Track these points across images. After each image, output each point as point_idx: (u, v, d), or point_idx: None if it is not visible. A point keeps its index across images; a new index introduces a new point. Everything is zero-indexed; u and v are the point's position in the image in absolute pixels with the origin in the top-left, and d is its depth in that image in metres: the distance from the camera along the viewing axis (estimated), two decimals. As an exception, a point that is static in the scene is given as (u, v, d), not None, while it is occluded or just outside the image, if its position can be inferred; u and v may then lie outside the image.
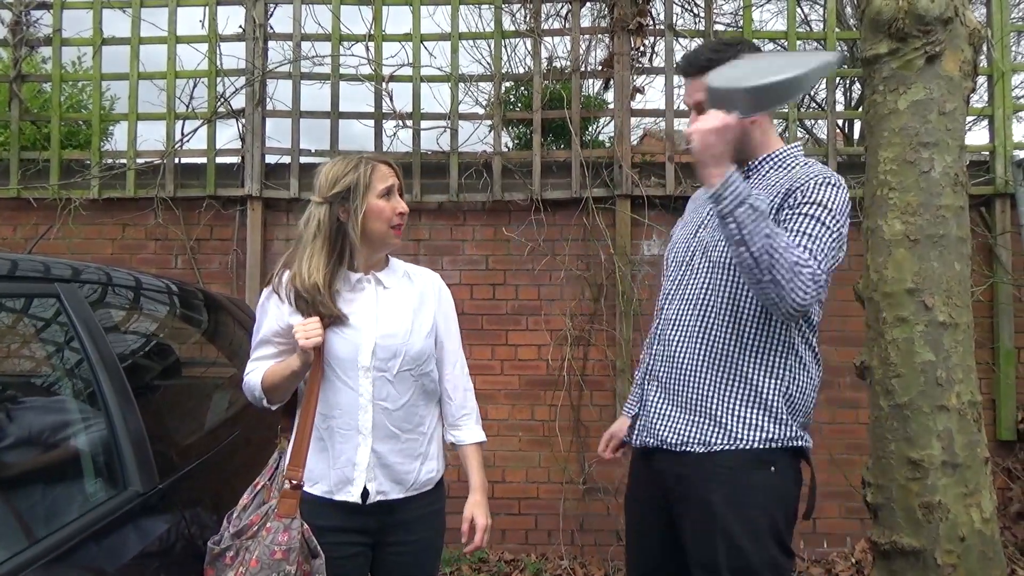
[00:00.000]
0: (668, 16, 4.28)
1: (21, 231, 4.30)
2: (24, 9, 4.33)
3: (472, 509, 1.88)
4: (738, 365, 1.75)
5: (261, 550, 1.63)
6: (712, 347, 1.77)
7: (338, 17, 4.29)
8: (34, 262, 1.76)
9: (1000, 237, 4.05)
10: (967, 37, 2.21)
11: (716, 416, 1.75)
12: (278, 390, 1.79)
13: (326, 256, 1.77)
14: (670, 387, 1.83)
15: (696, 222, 1.93)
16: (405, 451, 1.80)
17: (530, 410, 4.19)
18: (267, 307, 1.84)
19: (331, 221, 1.78)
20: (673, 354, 1.83)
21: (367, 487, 1.75)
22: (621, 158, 4.16)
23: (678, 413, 1.81)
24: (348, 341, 1.76)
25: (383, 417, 1.77)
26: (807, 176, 1.74)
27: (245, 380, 1.85)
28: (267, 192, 4.27)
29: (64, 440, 1.64)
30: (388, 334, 1.79)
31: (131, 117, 4.32)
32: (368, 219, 1.79)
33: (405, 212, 1.85)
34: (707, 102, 1.70)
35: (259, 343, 1.85)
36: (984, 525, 2.02)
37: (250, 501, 1.77)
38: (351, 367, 1.75)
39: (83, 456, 1.66)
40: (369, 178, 1.79)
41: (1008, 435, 4.01)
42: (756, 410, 1.74)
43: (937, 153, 2.14)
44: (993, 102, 4.13)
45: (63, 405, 1.72)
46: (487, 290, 4.25)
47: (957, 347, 2.09)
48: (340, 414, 1.76)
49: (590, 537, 4.12)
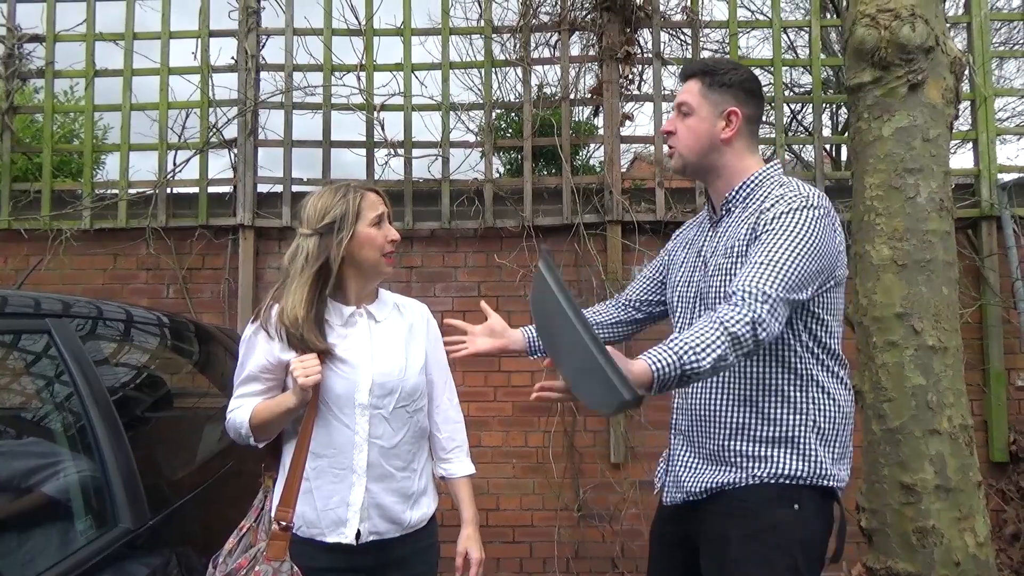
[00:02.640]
0: (656, 45, 4.34)
1: (12, 262, 4.28)
2: (17, 42, 4.36)
3: (466, 544, 1.86)
4: (758, 405, 1.68)
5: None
6: (728, 391, 1.71)
7: (329, 48, 4.33)
8: (25, 298, 1.76)
9: (987, 259, 4.08)
10: (949, 65, 2.25)
11: (736, 462, 1.69)
12: (268, 428, 1.74)
13: (312, 289, 1.72)
14: (693, 438, 1.78)
15: (691, 265, 1.88)
16: (399, 490, 1.76)
17: (523, 437, 4.18)
18: (254, 342, 1.77)
19: (320, 252, 1.73)
20: (691, 405, 1.79)
21: (360, 528, 1.70)
22: (611, 184, 4.19)
23: (702, 464, 1.75)
24: (345, 378, 1.72)
25: (378, 455, 1.73)
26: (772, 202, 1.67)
27: (229, 418, 1.78)
28: (259, 221, 4.28)
29: (53, 476, 1.63)
30: (384, 371, 1.76)
31: (123, 147, 4.33)
32: (360, 248, 1.75)
33: (397, 240, 1.82)
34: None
35: (245, 379, 1.78)
36: (979, 549, 2.02)
37: (236, 544, 1.71)
38: (348, 405, 1.72)
39: (73, 492, 1.64)
40: (359, 206, 1.76)
41: (1001, 457, 4.01)
42: (779, 448, 1.66)
43: (922, 179, 2.18)
44: (977, 126, 4.19)
45: (53, 440, 1.71)
46: (480, 317, 4.23)
47: (947, 371, 2.11)
48: (334, 453, 1.71)
49: (585, 564, 4.09)
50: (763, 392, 1.68)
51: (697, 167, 1.84)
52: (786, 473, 1.65)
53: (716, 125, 1.77)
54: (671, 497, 1.82)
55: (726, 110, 1.76)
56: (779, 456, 1.66)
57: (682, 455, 1.81)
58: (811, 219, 1.62)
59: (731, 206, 1.80)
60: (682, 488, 1.77)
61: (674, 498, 1.80)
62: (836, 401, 1.71)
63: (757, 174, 1.78)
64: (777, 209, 1.64)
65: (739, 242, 1.70)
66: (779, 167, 1.82)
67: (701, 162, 1.82)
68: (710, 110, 1.77)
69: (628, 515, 4.03)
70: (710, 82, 1.78)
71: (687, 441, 1.80)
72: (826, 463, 1.67)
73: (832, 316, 1.71)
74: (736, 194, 1.79)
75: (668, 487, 1.84)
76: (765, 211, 1.66)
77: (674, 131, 1.81)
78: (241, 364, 1.79)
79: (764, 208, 1.68)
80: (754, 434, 1.68)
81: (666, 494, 1.85)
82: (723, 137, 1.76)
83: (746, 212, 1.74)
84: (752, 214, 1.71)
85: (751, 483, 1.65)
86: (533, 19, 4.40)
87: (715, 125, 1.77)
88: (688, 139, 1.79)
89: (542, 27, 4.46)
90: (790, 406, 1.67)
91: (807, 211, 1.62)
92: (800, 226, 1.60)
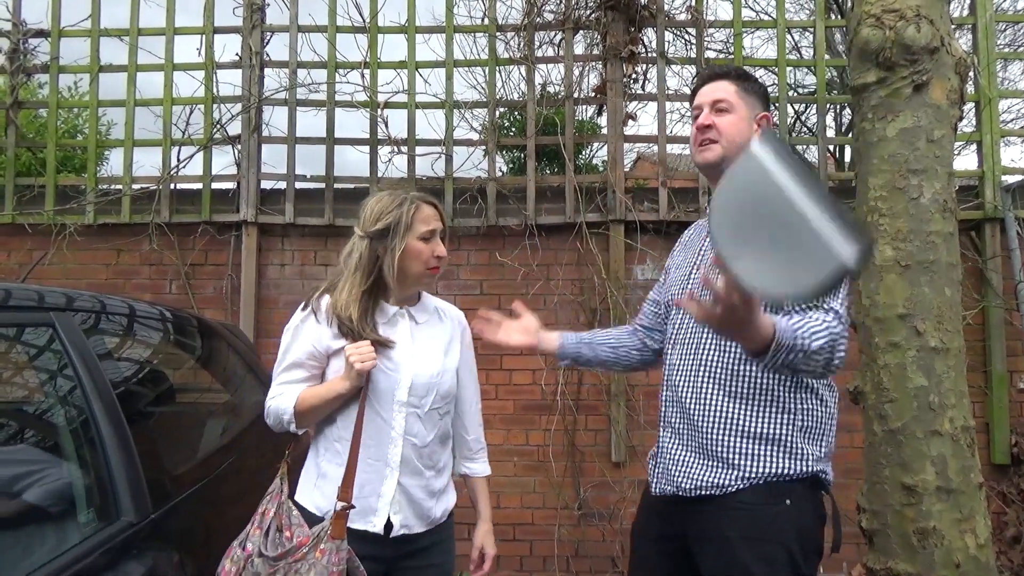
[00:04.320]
0: (660, 44, 4.33)
1: (15, 256, 4.30)
2: (22, 37, 4.37)
3: (483, 539, 1.94)
4: (747, 402, 1.73)
5: (318, 570, 1.61)
6: (718, 389, 1.76)
7: (334, 45, 4.34)
8: (28, 291, 1.77)
9: (990, 261, 4.08)
10: (953, 66, 2.25)
11: (728, 459, 1.73)
12: (313, 414, 1.78)
13: (361, 289, 1.79)
14: (683, 433, 1.82)
15: (689, 263, 1.92)
16: (427, 488, 1.82)
17: (525, 435, 4.18)
18: (301, 329, 1.82)
19: (370, 257, 1.80)
20: (681, 399, 1.82)
21: (391, 519, 1.75)
22: (614, 183, 4.19)
23: (692, 458, 1.78)
24: (388, 375, 1.77)
25: (411, 453, 1.78)
26: None
27: (269, 404, 1.81)
28: (262, 218, 4.29)
29: (56, 469, 1.63)
30: (423, 372, 1.82)
31: (127, 143, 4.34)
32: (405, 259, 1.80)
33: (444, 256, 1.85)
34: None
35: (289, 366, 1.81)
36: (979, 551, 2.02)
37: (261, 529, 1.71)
38: (388, 401, 1.76)
39: (75, 485, 1.65)
40: (411, 218, 1.80)
41: (1002, 459, 4.01)
42: (768, 446, 1.71)
43: (926, 180, 2.17)
44: (981, 128, 4.19)
45: (56, 434, 1.71)
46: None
47: (949, 372, 2.11)
48: (371, 445, 1.76)
49: (585, 563, 4.09)
50: (754, 390, 1.73)
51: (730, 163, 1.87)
52: (776, 472, 1.70)
53: (751, 126, 1.85)
54: (661, 489, 1.85)
55: (758, 114, 1.86)
56: (769, 454, 1.71)
57: (671, 449, 1.84)
58: None
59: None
60: (673, 482, 1.81)
61: (664, 490, 1.84)
62: (824, 401, 1.76)
63: None
64: None
65: None
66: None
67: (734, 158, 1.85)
68: (747, 111, 1.85)
69: (628, 514, 4.02)
70: (745, 86, 1.87)
71: (676, 435, 1.84)
72: (813, 458, 1.73)
73: None
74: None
75: (658, 479, 1.88)
76: None
77: (712, 125, 1.85)
78: (284, 351, 1.83)
79: None
80: (743, 429, 1.72)
81: (655, 486, 1.88)
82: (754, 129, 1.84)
83: None
84: None
85: (743, 486, 1.70)
86: (537, 17, 4.40)
87: (750, 125, 1.85)
88: (733, 132, 1.84)
89: (546, 26, 4.46)
90: (779, 406, 1.72)
91: None
92: None
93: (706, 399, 1.76)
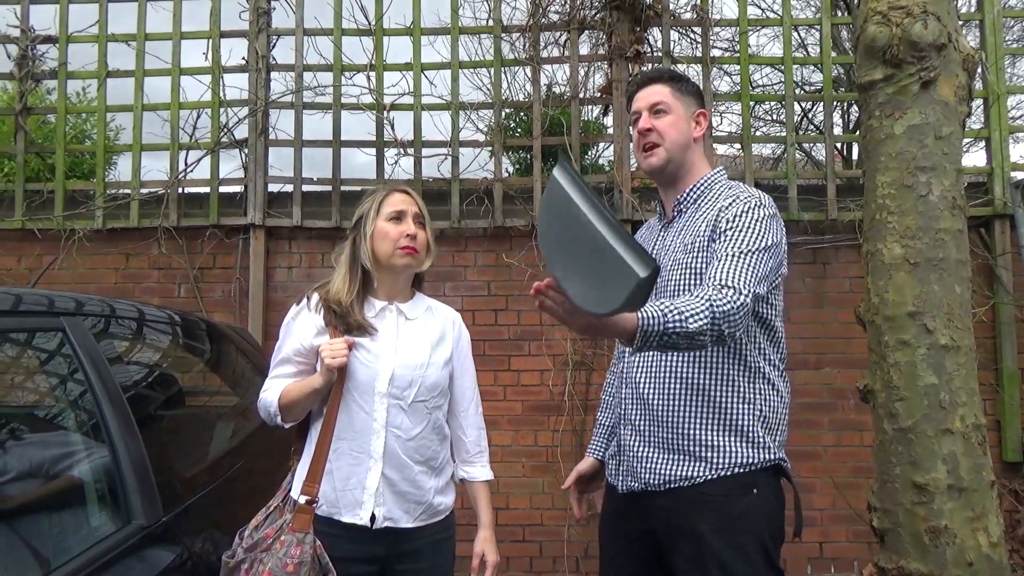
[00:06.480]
0: (665, 43, 4.33)
1: (26, 262, 4.32)
2: (30, 43, 4.39)
3: (483, 545, 1.94)
4: (709, 395, 1.77)
5: (274, 562, 1.66)
6: (680, 382, 1.79)
7: (339, 48, 4.35)
8: (38, 296, 1.78)
9: (1000, 258, 4.05)
10: (961, 62, 2.23)
11: (693, 451, 1.76)
12: (295, 408, 1.83)
13: (350, 280, 1.89)
14: (644, 430, 1.83)
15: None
16: (416, 482, 1.83)
17: (533, 436, 4.18)
18: (291, 327, 1.91)
19: (352, 249, 1.91)
20: (642, 396, 1.84)
21: (375, 512, 1.77)
22: (621, 184, 4.19)
23: (656, 455, 1.80)
24: (367, 367, 1.81)
25: (395, 444, 1.80)
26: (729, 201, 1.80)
27: (261, 398, 1.88)
28: (270, 221, 4.30)
29: (68, 473, 1.64)
30: (406, 363, 1.84)
31: (135, 148, 4.37)
32: (375, 240, 1.88)
33: (412, 234, 1.89)
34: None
35: (279, 362, 1.91)
36: (992, 549, 2.00)
37: (263, 520, 1.80)
38: (368, 392, 1.80)
39: (87, 489, 1.66)
40: (380, 204, 1.90)
41: (1014, 456, 3.99)
42: (732, 437, 1.76)
43: (935, 177, 2.16)
44: (990, 124, 4.16)
45: (67, 438, 1.72)
46: (489, 316, 4.26)
47: (960, 370, 2.09)
48: (353, 436, 1.79)
49: (595, 564, 4.06)
50: (716, 381, 1.77)
51: (678, 163, 1.92)
52: (740, 462, 1.75)
53: (690, 124, 1.91)
54: (627, 486, 1.87)
55: (695, 112, 1.92)
56: (732, 446, 1.75)
57: (633, 446, 1.86)
58: (765, 217, 1.76)
59: (683, 207, 1.91)
60: (639, 479, 1.82)
61: (631, 487, 1.85)
62: (778, 390, 1.82)
63: (705, 177, 1.92)
64: (737, 207, 1.77)
65: (699, 238, 1.79)
66: (724, 173, 1.96)
67: (681, 158, 1.91)
68: (684, 111, 1.91)
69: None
70: (679, 87, 1.93)
71: (637, 433, 1.85)
72: (772, 447, 1.79)
73: (775, 311, 1.84)
74: (687, 196, 1.91)
75: (623, 477, 1.89)
76: (725, 209, 1.78)
77: (652, 128, 1.88)
78: (278, 348, 1.93)
79: (723, 207, 1.79)
80: (705, 424, 1.76)
81: (621, 484, 1.90)
82: (695, 136, 1.92)
83: (699, 212, 1.85)
84: (708, 211, 1.82)
85: (711, 477, 1.74)
86: (542, 18, 4.40)
87: (689, 124, 1.91)
88: (674, 133, 1.88)
89: (551, 26, 4.45)
90: (739, 396, 1.77)
91: (761, 209, 1.77)
92: (760, 224, 1.74)
93: (670, 393, 1.79)
